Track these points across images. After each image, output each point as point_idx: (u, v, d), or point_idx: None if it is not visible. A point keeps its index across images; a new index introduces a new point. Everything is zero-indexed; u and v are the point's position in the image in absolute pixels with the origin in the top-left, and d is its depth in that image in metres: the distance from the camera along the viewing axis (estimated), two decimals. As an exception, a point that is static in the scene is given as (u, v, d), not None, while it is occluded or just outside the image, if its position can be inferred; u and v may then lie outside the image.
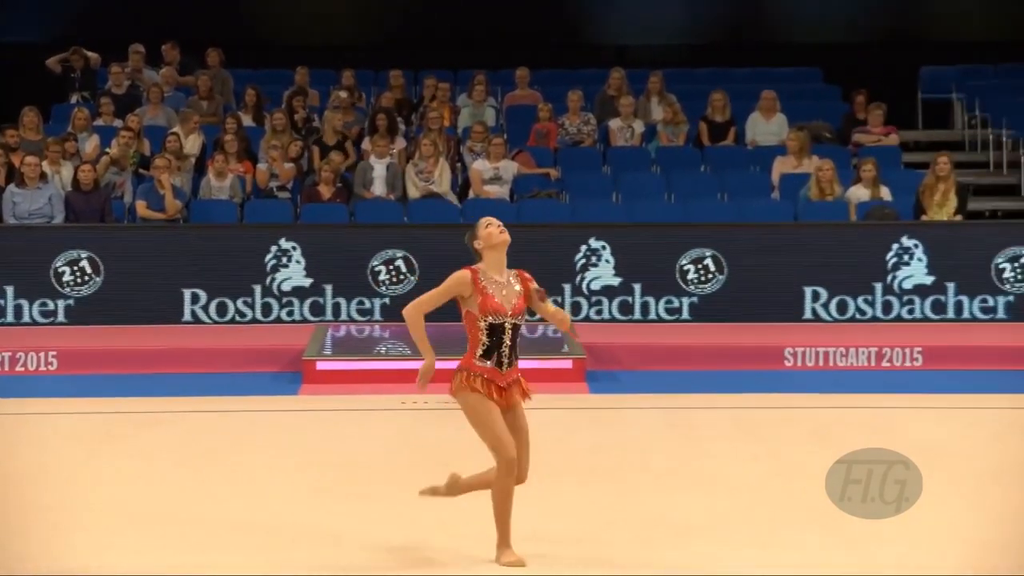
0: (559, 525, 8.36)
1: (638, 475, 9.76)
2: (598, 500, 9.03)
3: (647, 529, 8.30)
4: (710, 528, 8.29)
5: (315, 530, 8.29)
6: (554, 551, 7.77)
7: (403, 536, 8.18)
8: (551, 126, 18.63)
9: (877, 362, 14.22)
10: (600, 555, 7.73)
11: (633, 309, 15.78)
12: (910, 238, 15.74)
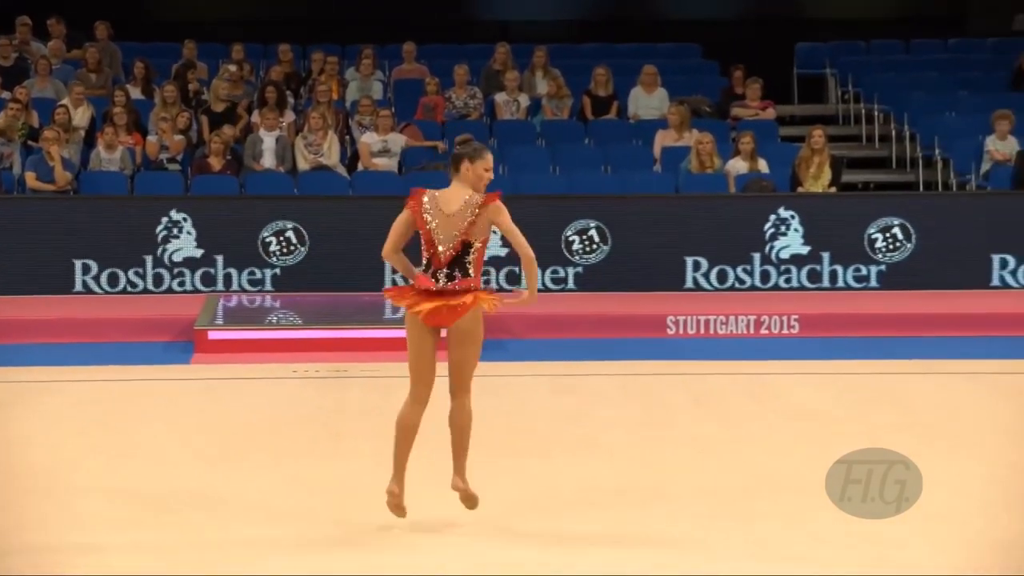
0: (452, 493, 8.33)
1: (525, 441, 9.78)
2: (487, 467, 9.01)
3: (535, 496, 8.32)
4: (598, 493, 8.32)
5: (207, 496, 8.22)
6: (450, 518, 7.76)
7: (291, 500, 8.14)
8: (438, 100, 18.58)
9: (756, 330, 14.35)
10: (496, 522, 7.73)
11: (520, 279, 15.78)
12: (787, 209, 15.88)
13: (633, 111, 18.72)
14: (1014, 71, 19.58)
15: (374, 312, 14.75)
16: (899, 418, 10.47)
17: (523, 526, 7.65)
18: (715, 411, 10.83)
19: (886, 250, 15.85)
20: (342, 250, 15.70)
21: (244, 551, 7.17)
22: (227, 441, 9.77)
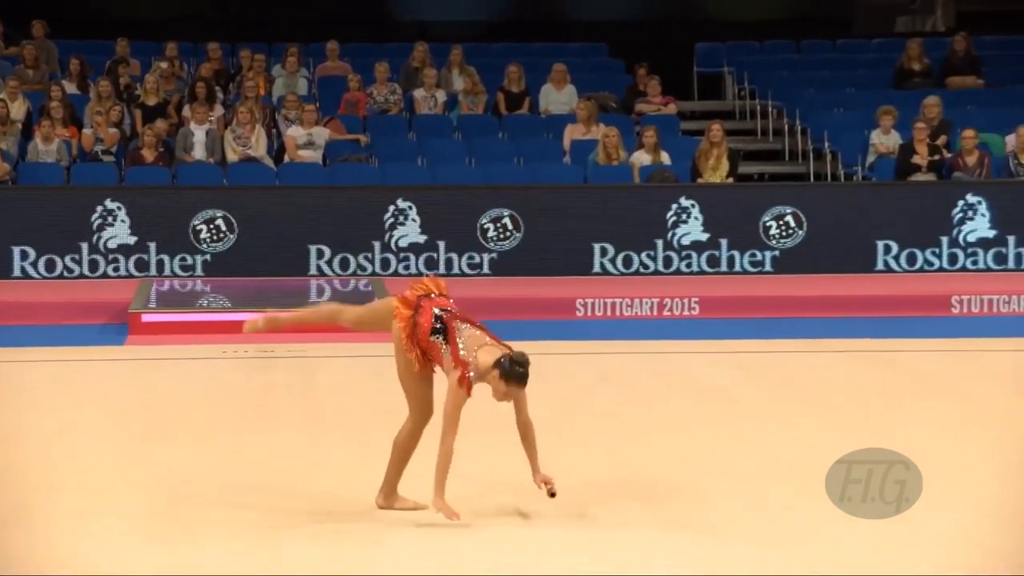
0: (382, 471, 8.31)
1: (436, 419, 9.73)
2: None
3: (461, 472, 8.30)
4: (512, 469, 8.33)
5: (140, 472, 8.15)
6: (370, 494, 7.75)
7: (222, 475, 8.08)
8: (360, 95, 18.50)
9: (659, 311, 14.41)
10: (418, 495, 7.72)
11: (438, 264, 15.77)
12: (687, 199, 15.95)
13: (544, 106, 18.72)
14: (896, 70, 19.75)
15: (299, 296, 14.68)
16: (791, 392, 10.57)
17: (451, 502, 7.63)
18: (621, 388, 10.87)
19: (779, 237, 15.96)
20: (269, 237, 15.65)
21: (175, 526, 7.10)
22: (159, 419, 9.68)
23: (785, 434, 9.15)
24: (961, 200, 15.97)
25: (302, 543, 6.77)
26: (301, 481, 7.92)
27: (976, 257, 15.96)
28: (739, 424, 9.51)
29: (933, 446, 8.70)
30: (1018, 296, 14.53)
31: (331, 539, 6.85)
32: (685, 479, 7.96)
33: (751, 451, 8.68)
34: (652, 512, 7.28)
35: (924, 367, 11.60)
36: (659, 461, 8.42)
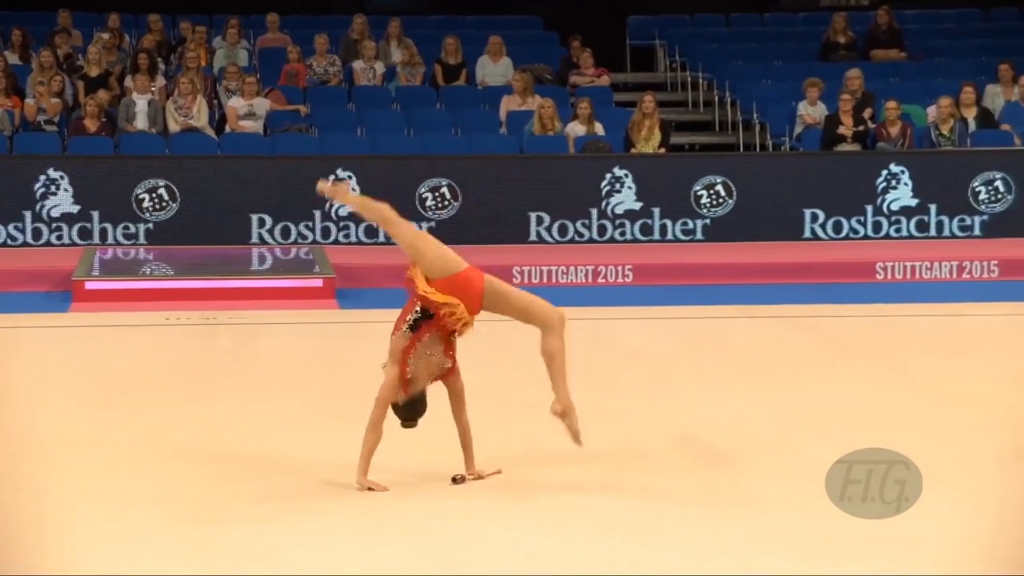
0: (324, 435, 8.25)
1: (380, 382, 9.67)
2: (347, 408, 8.93)
3: (399, 435, 8.26)
4: (445, 426, 8.28)
5: (83, 437, 8.04)
6: (322, 459, 7.68)
7: (165, 439, 7.98)
8: (300, 67, 18.33)
9: (593, 279, 14.39)
10: (347, 461, 7.66)
11: (377, 232, 15.67)
12: (621, 168, 15.93)
13: (480, 78, 18.63)
14: (822, 43, 19.80)
15: (240, 264, 14.58)
16: (721, 357, 10.57)
17: (379, 460, 7.56)
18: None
19: (710, 205, 15.97)
20: (211, 206, 15.51)
21: (118, 489, 7.00)
22: (103, 384, 9.56)
23: (715, 398, 9.15)
24: (885, 170, 16.04)
25: (245, 504, 6.69)
26: (241, 444, 7.85)
27: (899, 225, 16.05)
28: (671, 388, 9.51)
29: (858, 408, 8.75)
30: (939, 262, 14.63)
31: (276, 500, 6.77)
32: (617, 442, 7.94)
33: (682, 414, 8.67)
34: (587, 476, 7.25)
35: (850, 332, 11.65)
36: (592, 425, 8.38)
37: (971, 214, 16.08)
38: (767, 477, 7.10)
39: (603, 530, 6.35)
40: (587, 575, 5.78)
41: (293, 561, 5.92)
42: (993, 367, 10.09)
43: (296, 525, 6.40)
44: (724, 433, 8.15)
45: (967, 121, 16.93)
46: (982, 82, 17.83)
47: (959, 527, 6.32)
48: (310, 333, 11.80)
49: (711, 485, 7.04)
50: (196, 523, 6.42)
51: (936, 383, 9.58)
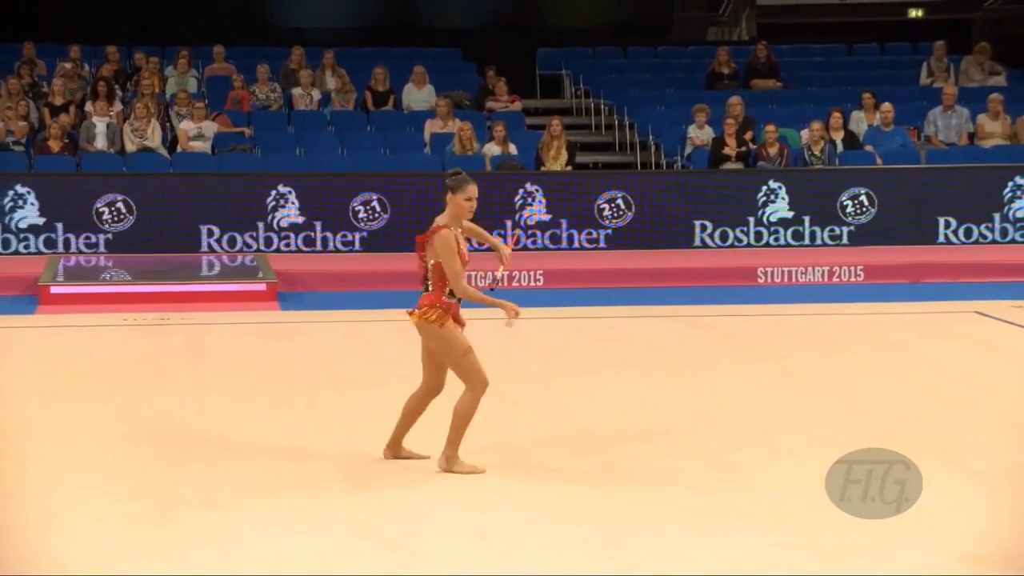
0: (268, 423, 8.21)
1: (322, 376, 9.66)
2: (287, 398, 8.90)
3: (330, 420, 8.24)
4: (391, 418, 8.28)
5: (46, 427, 7.94)
6: (266, 443, 7.63)
7: (121, 428, 7.90)
8: (244, 93, 18.20)
9: (508, 283, 14.40)
10: (289, 442, 7.63)
11: (315, 242, 15.61)
12: (532, 184, 15.96)
13: (406, 103, 18.59)
14: (708, 73, 19.93)
15: (191, 270, 14.46)
16: (623, 353, 10.62)
17: (316, 445, 7.55)
18: (478, 350, 10.80)
19: (612, 217, 16.04)
20: (164, 218, 15.40)
21: (78, 473, 6.93)
22: (68, 378, 9.45)
23: (619, 388, 9.20)
24: (764, 186, 16.19)
25: (192, 481, 6.64)
26: (193, 430, 7.79)
27: (777, 235, 16.20)
28: (580, 378, 9.55)
29: (745, 395, 8.84)
30: (812, 268, 14.79)
31: (225, 481, 6.73)
32: (532, 425, 7.98)
33: (589, 402, 8.72)
34: (507, 457, 7.27)
35: (736, 329, 11.75)
36: (512, 410, 8.42)
37: (840, 225, 16.27)
38: (667, 455, 7.16)
39: (514, 504, 6.38)
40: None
41: (234, 533, 5.89)
42: (860, 360, 10.24)
43: (242, 503, 6.37)
44: (628, 419, 8.21)
45: (835, 143, 17.11)
46: (848, 109, 18.04)
47: (823, 500, 6.41)
48: (254, 332, 11.73)
49: (614, 466, 7.08)
50: (149, 499, 6.38)
51: (811, 374, 9.70)
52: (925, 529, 5.89)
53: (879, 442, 7.53)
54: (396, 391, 9.04)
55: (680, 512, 6.24)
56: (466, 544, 5.81)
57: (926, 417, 8.18)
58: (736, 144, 16.96)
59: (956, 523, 6.02)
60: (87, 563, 5.55)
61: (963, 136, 17.75)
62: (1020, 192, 16.23)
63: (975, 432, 7.69)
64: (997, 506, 6.12)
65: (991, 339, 11.03)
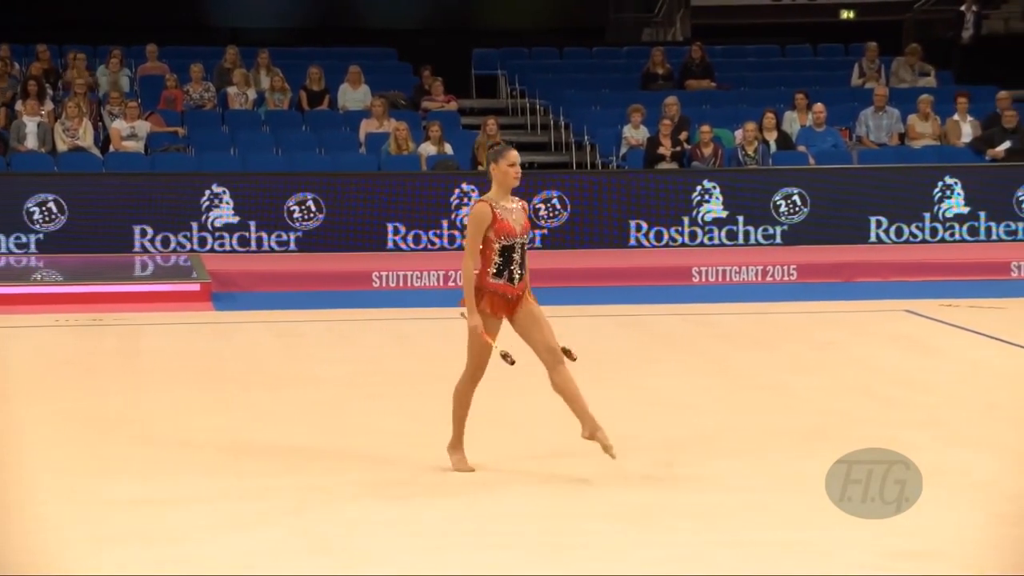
0: (199, 421, 8.16)
1: (254, 376, 9.61)
2: (221, 397, 8.85)
3: (262, 418, 8.21)
4: (317, 416, 8.26)
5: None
6: (197, 439, 7.59)
7: (54, 429, 7.83)
8: (177, 93, 18.07)
9: (444, 283, 14.39)
10: (232, 440, 7.60)
11: (250, 242, 15.54)
12: (468, 184, 15.97)
13: (342, 103, 18.53)
14: (643, 74, 20.02)
15: (124, 270, 14.36)
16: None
17: (252, 440, 7.52)
18: (413, 350, 10.85)
19: (548, 217, 16.08)
20: (97, 218, 15.28)
21: (9, 473, 6.86)
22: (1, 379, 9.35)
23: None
24: (699, 186, 16.29)
25: (127, 481, 6.60)
26: (126, 429, 7.75)
27: (712, 234, 16.31)
28: (515, 378, 9.55)
29: (678, 393, 8.90)
30: (746, 267, 14.90)
31: (155, 473, 6.69)
32: (471, 427, 7.99)
33: (523, 401, 8.74)
34: (433, 453, 7.28)
35: (670, 328, 11.82)
36: (448, 411, 8.42)
37: (773, 224, 16.41)
38: (600, 456, 7.19)
39: (448, 506, 6.40)
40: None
41: (166, 533, 5.86)
42: (792, 359, 10.34)
43: (177, 503, 6.34)
44: (561, 420, 8.22)
45: (769, 143, 17.26)
46: (781, 109, 18.19)
47: (755, 498, 6.47)
48: (188, 333, 11.66)
49: (547, 467, 7.11)
50: (80, 499, 6.34)
51: (744, 373, 9.79)
52: (855, 528, 5.96)
53: (810, 440, 7.62)
54: (331, 391, 9.06)
55: (614, 511, 6.27)
56: (404, 543, 5.81)
57: (856, 415, 8.28)
58: (671, 144, 17.06)
59: (887, 520, 6.09)
60: (17, 564, 5.50)
61: (894, 136, 17.97)
62: (949, 192, 16.45)
63: (905, 430, 7.79)
64: (925, 503, 6.20)
65: (922, 338, 11.18)
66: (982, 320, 11.81)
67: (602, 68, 21.03)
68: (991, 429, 7.70)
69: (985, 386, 9.18)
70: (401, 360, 10.33)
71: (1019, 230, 16.50)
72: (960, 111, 17.92)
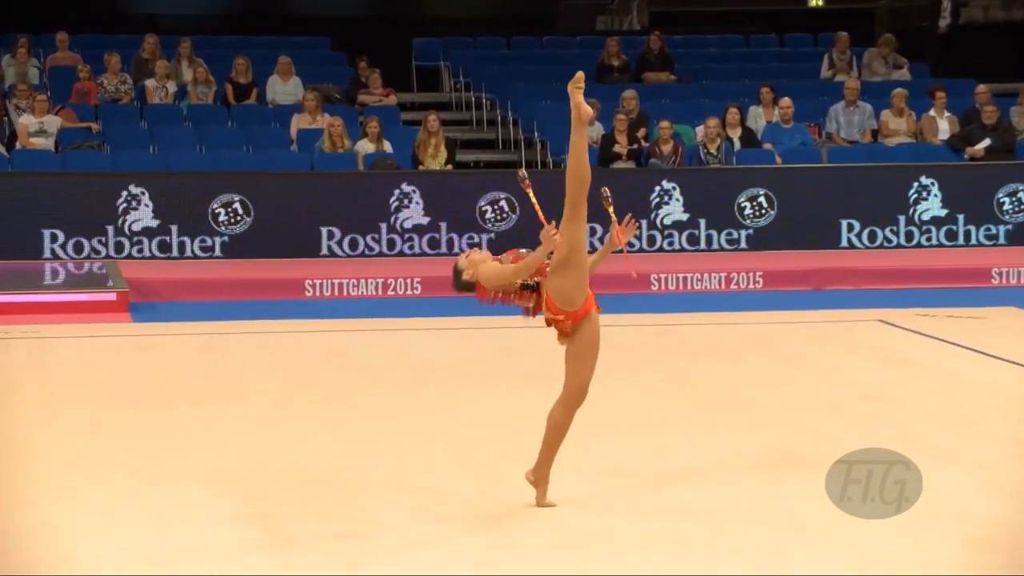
0: (122, 440, 8.17)
1: (176, 392, 9.61)
2: (136, 417, 8.84)
3: (185, 438, 8.22)
4: (247, 433, 8.28)
5: None
6: (114, 461, 7.60)
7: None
8: (91, 85, 18.01)
9: (384, 291, 14.44)
10: (163, 466, 7.61)
11: (171, 248, 15.51)
12: (409, 185, 16.02)
13: (271, 97, 18.53)
14: (597, 65, 20.14)
15: (33, 279, 14.29)
16: (506, 366, 10.72)
17: (174, 462, 7.53)
18: (349, 363, 10.88)
19: (495, 220, 16.16)
20: (2, 222, 15.17)
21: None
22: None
23: (501, 401, 9.30)
24: (658, 186, 16.42)
25: (38, 505, 6.61)
26: (35, 451, 7.76)
27: (671, 238, 16.43)
28: (459, 391, 9.64)
29: (634, 409, 8.99)
30: (709, 274, 15.03)
31: (68, 500, 6.70)
32: (405, 443, 8.05)
33: (469, 415, 8.80)
34: (378, 472, 7.32)
35: (627, 340, 11.89)
36: (385, 428, 8.47)
37: (737, 228, 16.55)
38: (551, 474, 7.25)
39: (383, 526, 6.46)
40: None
41: (75, 563, 5.88)
42: (757, 372, 10.45)
43: (89, 532, 6.36)
44: (511, 435, 8.30)
45: (732, 140, 17.42)
46: (746, 104, 18.37)
47: (716, 523, 6.56)
48: (104, 346, 11.64)
49: (495, 487, 7.17)
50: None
51: (705, 386, 9.89)
52: (823, 554, 6.06)
53: (776, 460, 7.72)
54: (258, 407, 9.08)
55: (567, 537, 6.34)
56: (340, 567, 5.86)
57: (825, 433, 8.38)
58: (628, 142, 17.17)
59: (857, 541, 6.20)
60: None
61: (866, 133, 18.18)
62: (926, 193, 16.67)
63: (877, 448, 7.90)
64: (898, 527, 6.31)
65: (895, 350, 11.33)
66: (960, 331, 11.97)
67: (553, 59, 21.13)
68: (968, 448, 7.84)
69: (962, 401, 9.32)
70: (336, 375, 10.36)
71: (1000, 234, 16.75)
72: (937, 106, 18.17)
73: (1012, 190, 16.74)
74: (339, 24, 21.84)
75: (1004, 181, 16.78)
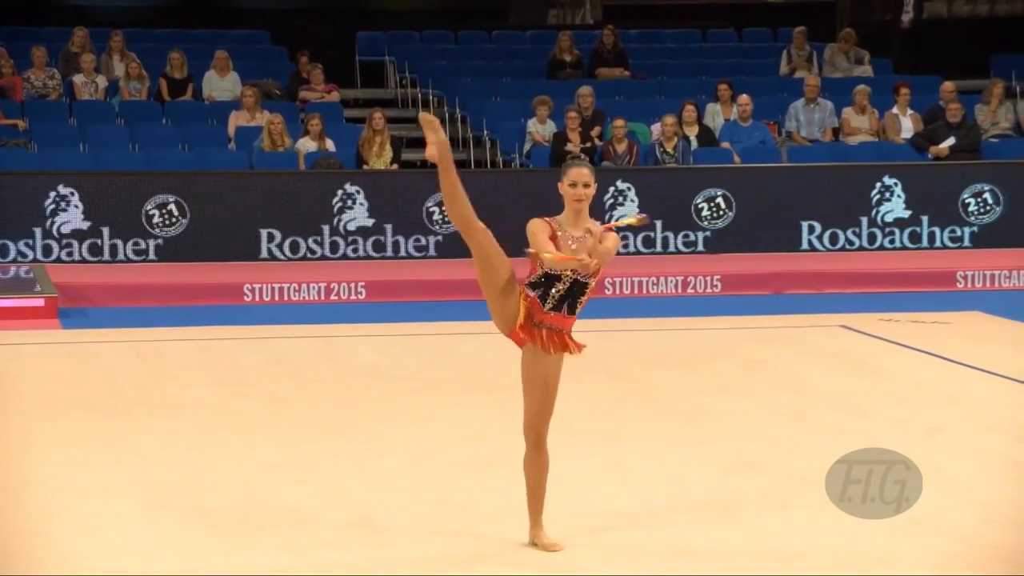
0: (51, 454, 8.11)
1: (109, 403, 9.56)
2: (67, 429, 8.79)
3: (114, 450, 8.18)
4: (181, 448, 8.25)
5: None
6: (42, 475, 7.55)
7: None
8: (16, 80, 17.89)
9: (326, 296, 14.41)
10: (95, 481, 7.56)
11: (102, 251, 15.41)
12: (353, 185, 15.99)
13: (208, 93, 18.47)
14: (549, 61, 20.20)
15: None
16: (454, 374, 10.71)
17: (107, 475, 7.49)
18: (289, 371, 10.84)
19: (442, 222, 16.15)
20: (-77, 224, 15.07)
21: None
22: None
23: (448, 412, 9.30)
24: (612, 187, 16.45)
25: None
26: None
27: (627, 241, 16.47)
28: (405, 402, 9.62)
29: (585, 417, 9.00)
30: (665, 277, 15.08)
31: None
32: (350, 456, 8.04)
33: (416, 428, 8.80)
34: (320, 487, 7.31)
35: (580, 346, 11.91)
36: (328, 440, 8.46)
37: (695, 230, 16.62)
38: (501, 488, 7.26)
39: (327, 543, 6.45)
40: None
41: None
42: (716, 379, 10.49)
43: (21, 551, 6.32)
44: (458, 447, 8.31)
45: (689, 139, 17.50)
46: (703, 101, 18.46)
47: (672, 536, 6.59)
48: (31, 354, 11.54)
49: (444, 500, 7.17)
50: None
51: (661, 394, 9.92)
52: (784, 567, 6.09)
53: (735, 470, 7.76)
54: (197, 418, 9.04)
55: (520, 553, 6.34)
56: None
57: (786, 442, 8.44)
58: (581, 140, 17.21)
59: (820, 551, 6.24)
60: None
61: (827, 132, 18.31)
62: (889, 194, 16.80)
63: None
64: (861, 539, 6.36)
65: (858, 356, 11.40)
66: (925, 336, 12.08)
67: (503, 54, 21.18)
68: (933, 457, 7.90)
69: (927, 409, 9.40)
70: (276, 384, 10.32)
71: (965, 236, 16.90)
72: (900, 103, 18.32)
73: (977, 191, 16.89)
74: (279, 17, 21.81)
75: (969, 181, 16.93)
